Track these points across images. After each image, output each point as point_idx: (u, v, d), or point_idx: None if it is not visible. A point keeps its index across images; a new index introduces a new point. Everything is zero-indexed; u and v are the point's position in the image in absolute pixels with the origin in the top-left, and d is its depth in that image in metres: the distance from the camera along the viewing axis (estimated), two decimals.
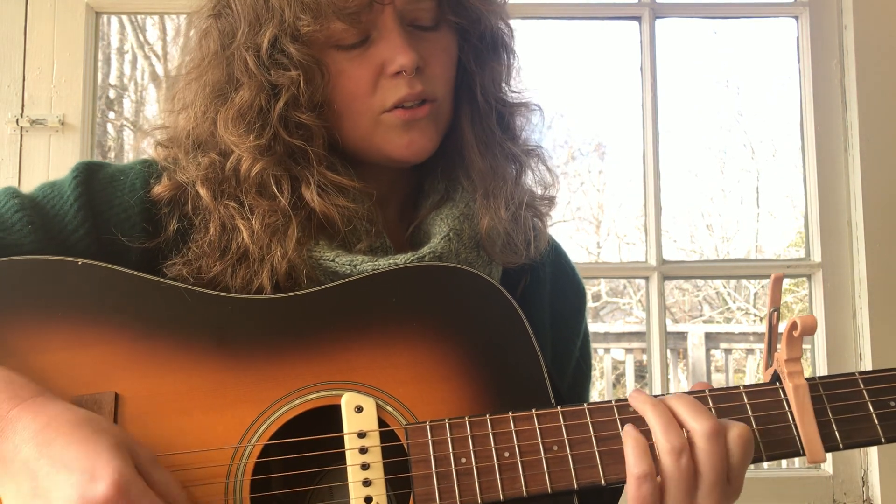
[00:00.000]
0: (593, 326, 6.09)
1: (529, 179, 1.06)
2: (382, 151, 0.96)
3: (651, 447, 0.80)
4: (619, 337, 5.96)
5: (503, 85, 1.04)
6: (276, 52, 0.92)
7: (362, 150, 0.97)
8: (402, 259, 0.91)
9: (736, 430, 0.79)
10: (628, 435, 0.80)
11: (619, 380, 6.23)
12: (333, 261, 0.91)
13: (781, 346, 0.84)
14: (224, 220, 0.93)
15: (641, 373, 5.75)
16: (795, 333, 0.82)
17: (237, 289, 0.91)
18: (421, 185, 1.05)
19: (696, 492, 0.78)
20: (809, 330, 0.81)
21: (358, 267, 0.90)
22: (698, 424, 0.79)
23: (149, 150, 1.02)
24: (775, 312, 0.85)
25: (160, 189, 0.95)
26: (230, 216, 0.92)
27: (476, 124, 1.01)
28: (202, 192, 0.93)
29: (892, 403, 0.84)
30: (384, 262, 0.90)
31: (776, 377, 0.86)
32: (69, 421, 0.74)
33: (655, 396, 0.83)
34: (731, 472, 0.79)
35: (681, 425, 0.80)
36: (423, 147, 0.96)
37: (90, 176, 0.95)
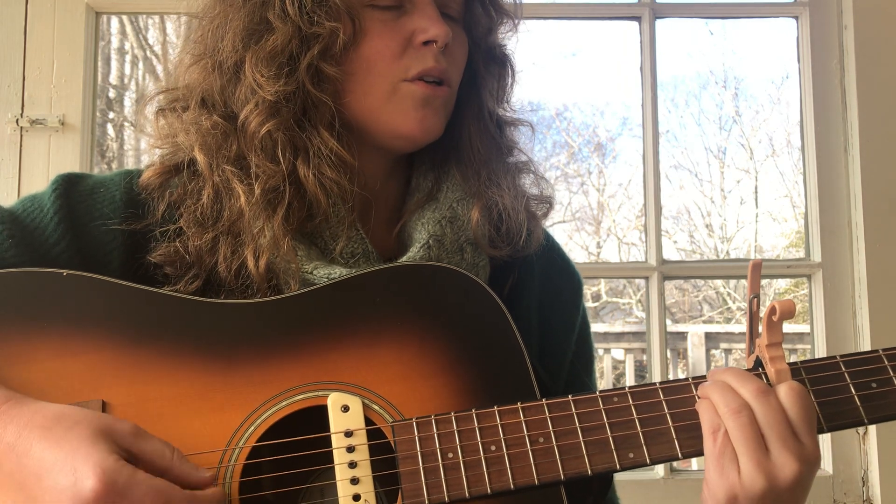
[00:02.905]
0: (593, 326, 6.07)
1: (527, 182, 1.07)
2: (392, 123, 0.95)
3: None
4: (619, 337, 5.96)
5: (504, 100, 1.06)
6: (316, 1, 0.91)
7: (370, 122, 0.96)
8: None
9: (785, 386, 0.81)
10: (700, 404, 0.83)
11: (619, 380, 6.23)
12: (311, 273, 0.91)
13: (762, 332, 0.85)
14: (218, 186, 0.92)
15: (641, 373, 5.76)
16: (775, 318, 0.83)
17: (221, 263, 0.90)
18: (409, 183, 1.05)
19: (767, 452, 0.79)
20: (788, 314, 0.82)
21: (336, 281, 0.89)
22: (745, 388, 0.81)
23: (147, 143, 1.01)
24: (755, 299, 0.85)
25: (149, 174, 0.95)
26: (226, 180, 0.91)
27: (480, 120, 1.03)
28: (199, 157, 0.92)
29: (874, 385, 0.85)
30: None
31: (758, 363, 0.86)
32: (41, 425, 0.73)
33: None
34: (796, 428, 0.80)
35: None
36: (434, 126, 0.96)
37: (70, 188, 0.95)
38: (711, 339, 5.75)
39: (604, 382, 5.82)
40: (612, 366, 6.05)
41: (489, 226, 1.00)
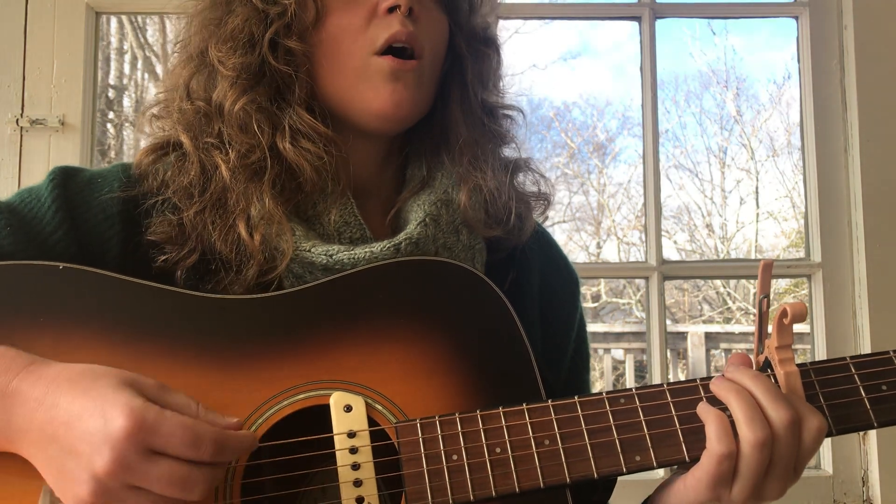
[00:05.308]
0: (593, 326, 6.09)
1: (527, 181, 1.07)
2: (364, 101, 0.95)
3: (732, 426, 0.79)
4: (619, 337, 5.96)
5: (490, 83, 1.06)
6: None
7: (345, 102, 0.96)
8: (377, 247, 0.91)
9: (814, 423, 0.80)
10: (710, 412, 0.80)
11: (618, 380, 6.23)
12: (310, 251, 0.90)
13: (772, 334, 0.83)
14: (203, 162, 0.94)
15: (641, 373, 5.76)
16: (786, 321, 0.81)
17: (213, 233, 0.91)
18: (404, 173, 1.06)
19: (766, 478, 0.79)
20: (800, 317, 0.81)
21: (334, 257, 0.89)
22: (778, 414, 0.79)
23: (144, 136, 1.03)
24: (765, 299, 0.84)
25: (141, 154, 0.98)
26: (209, 155, 0.94)
27: (465, 104, 1.03)
28: (184, 138, 0.95)
29: (884, 388, 0.84)
30: (361, 251, 0.90)
31: (767, 364, 0.85)
32: (67, 379, 0.75)
33: (734, 370, 0.83)
34: (799, 460, 0.80)
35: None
36: (405, 100, 0.95)
37: (67, 179, 0.96)
38: (711, 339, 5.75)
39: (604, 382, 5.82)
40: (612, 366, 6.05)
41: (480, 207, 1.01)
